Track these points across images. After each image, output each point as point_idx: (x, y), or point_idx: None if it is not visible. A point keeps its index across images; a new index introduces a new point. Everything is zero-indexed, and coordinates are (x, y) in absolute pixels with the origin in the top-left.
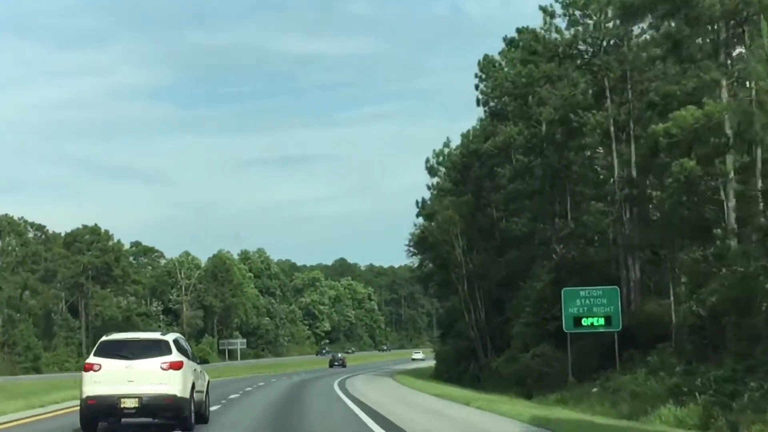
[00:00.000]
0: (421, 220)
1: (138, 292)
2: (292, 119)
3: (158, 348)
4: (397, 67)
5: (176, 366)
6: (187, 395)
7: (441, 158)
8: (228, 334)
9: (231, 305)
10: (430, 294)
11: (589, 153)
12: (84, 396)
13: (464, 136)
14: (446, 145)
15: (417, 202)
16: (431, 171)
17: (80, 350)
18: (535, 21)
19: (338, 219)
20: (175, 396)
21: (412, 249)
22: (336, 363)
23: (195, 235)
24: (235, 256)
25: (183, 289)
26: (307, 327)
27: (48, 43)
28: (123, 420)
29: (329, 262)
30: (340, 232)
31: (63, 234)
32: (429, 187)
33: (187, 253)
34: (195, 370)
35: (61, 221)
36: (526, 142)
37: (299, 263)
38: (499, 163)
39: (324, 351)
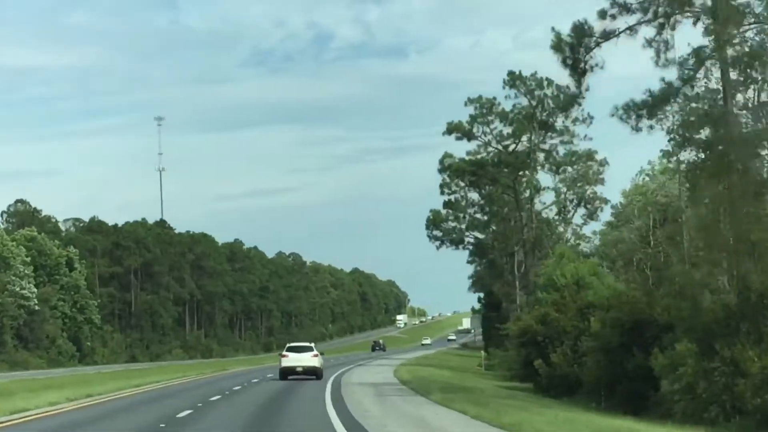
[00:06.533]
0: None
1: None
2: (6, 134)
3: (309, 349)
4: (117, 80)
5: (316, 356)
6: (320, 366)
7: None
8: None
9: None
10: None
11: None
12: (282, 366)
13: None
14: None
15: None
16: None
17: None
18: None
19: None
20: (316, 366)
21: None
22: (378, 348)
23: None
24: None
25: None
26: None
27: None
28: (295, 376)
29: None
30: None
31: None
32: None
33: None
34: (321, 357)
35: None
36: None
37: None
38: None
39: None
